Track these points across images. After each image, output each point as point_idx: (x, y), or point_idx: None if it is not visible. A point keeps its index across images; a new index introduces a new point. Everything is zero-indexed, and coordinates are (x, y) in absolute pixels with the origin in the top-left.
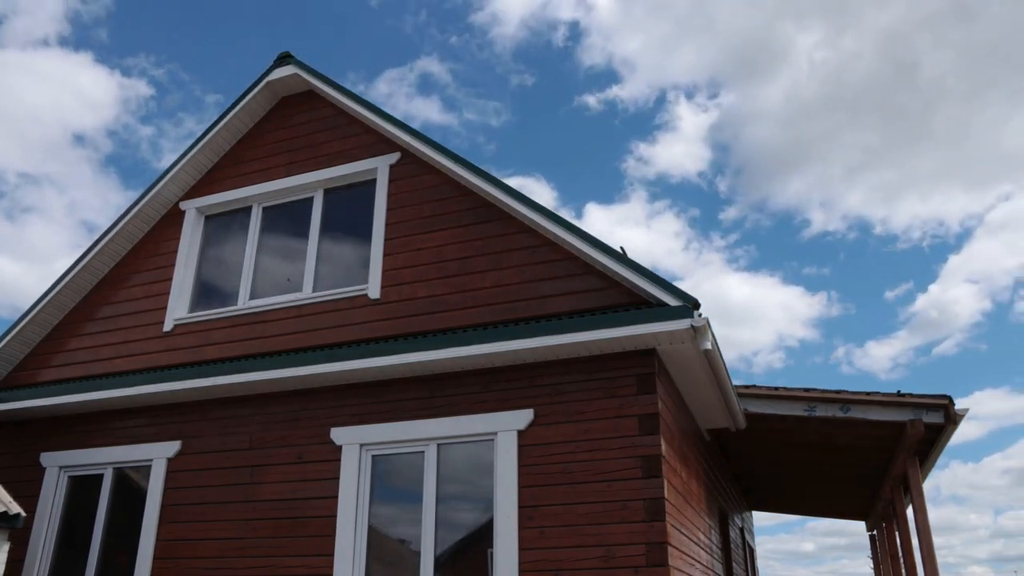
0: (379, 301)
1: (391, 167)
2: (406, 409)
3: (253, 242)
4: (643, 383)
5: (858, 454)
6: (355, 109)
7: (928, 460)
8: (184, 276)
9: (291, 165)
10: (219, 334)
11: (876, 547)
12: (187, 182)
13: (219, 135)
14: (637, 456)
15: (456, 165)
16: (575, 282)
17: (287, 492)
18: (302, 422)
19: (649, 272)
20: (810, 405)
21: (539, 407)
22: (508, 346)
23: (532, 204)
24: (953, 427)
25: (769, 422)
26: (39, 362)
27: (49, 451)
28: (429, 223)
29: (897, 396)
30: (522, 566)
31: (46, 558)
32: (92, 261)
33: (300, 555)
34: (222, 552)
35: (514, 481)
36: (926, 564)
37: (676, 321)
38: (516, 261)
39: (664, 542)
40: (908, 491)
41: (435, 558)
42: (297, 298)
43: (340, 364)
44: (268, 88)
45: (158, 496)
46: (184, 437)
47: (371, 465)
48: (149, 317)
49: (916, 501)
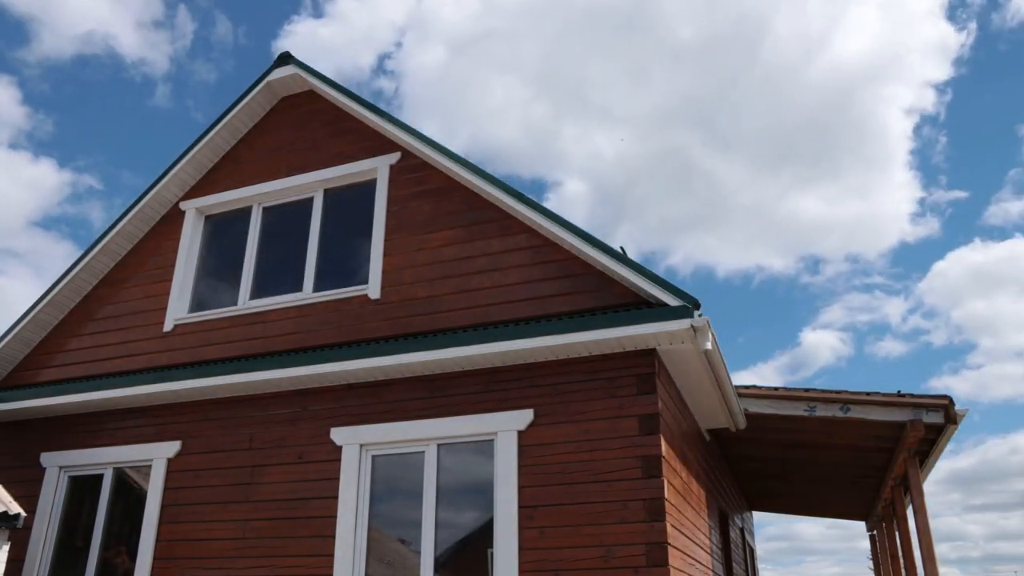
0: (379, 301)
1: (391, 167)
2: (406, 409)
3: (253, 242)
4: (643, 383)
5: (858, 454)
6: (355, 109)
7: (928, 460)
8: (184, 276)
9: (291, 165)
10: (219, 334)
11: (876, 547)
12: (187, 182)
13: (219, 135)
14: (637, 456)
15: (456, 165)
16: (575, 282)
17: (287, 492)
18: (302, 422)
19: (649, 272)
20: (810, 405)
21: (539, 407)
22: (508, 346)
23: (532, 204)
24: (953, 427)
25: (769, 422)
26: (39, 362)
27: (49, 451)
28: (429, 223)
29: (897, 396)
30: (522, 566)
31: (46, 558)
32: (92, 261)
33: (300, 555)
34: (222, 552)
35: (514, 481)
36: (926, 564)
37: (676, 321)
38: (516, 261)
39: (664, 542)
40: (908, 491)
41: (435, 558)
42: (297, 298)
43: (340, 364)
44: (268, 88)
45: (158, 496)
46: (184, 437)
47: (371, 465)
48: (149, 317)
49: (916, 501)
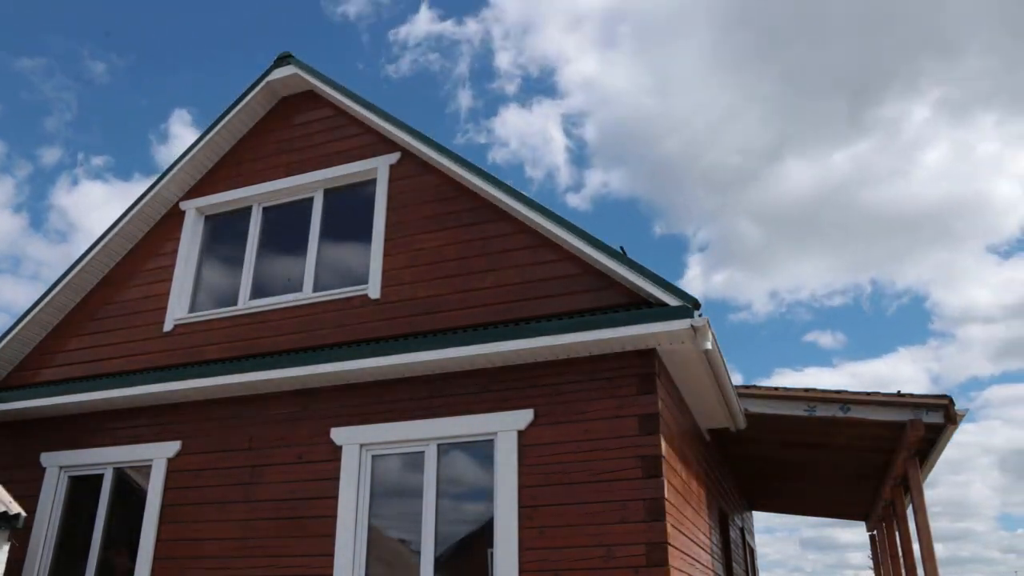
0: (379, 301)
1: (391, 167)
2: (406, 409)
3: (253, 242)
4: (643, 383)
5: (858, 454)
6: (355, 109)
7: (928, 460)
8: (184, 276)
9: (291, 165)
10: (219, 334)
11: (876, 547)
12: (187, 182)
13: (219, 135)
14: (637, 456)
15: (456, 165)
16: (575, 282)
17: (287, 492)
18: (302, 422)
19: (649, 272)
20: (810, 405)
21: (539, 407)
22: (508, 346)
23: (532, 204)
24: (953, 427)
25: (769, 422)
26: (39, 362)
27: (49, 451)
28: (429, 223)
29: (897, 396)
30: (522, 566)
31: (46, 558)
32: (92, 261)
33: (300, 555)
34: (222, 552)
35: (514, 481)
36: (926, 564)
37: (676, 321)
38: (516, 261)
39: (664, 542)
40: (908, 491)
41: (435, 558)
42: (297, 298)
43: (340, 364)
44: (268, 88)
45: (158, 496)
46: (184, 437)
47: (371, 465)
48: (149, 317)
49: (916, 501)
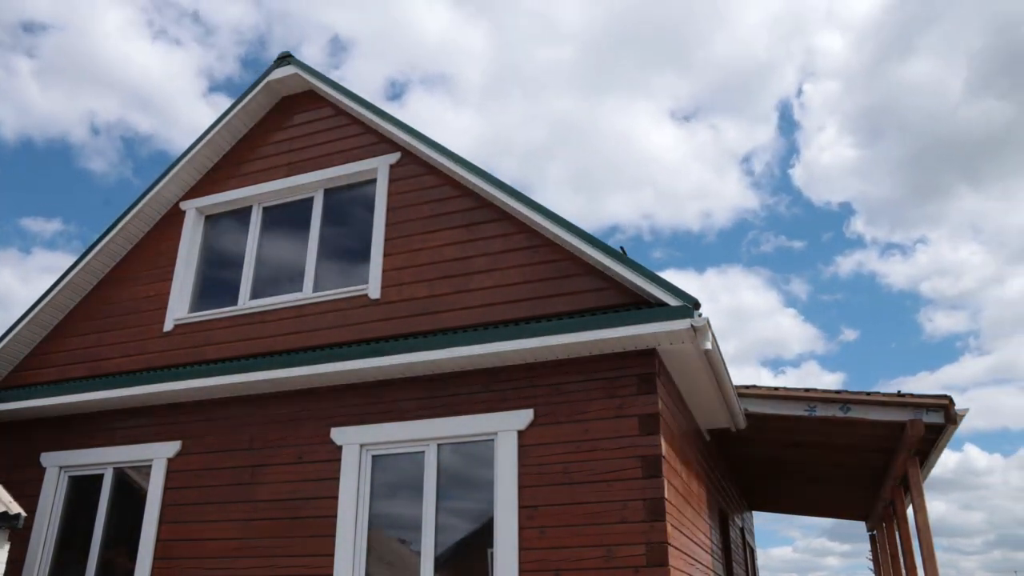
0: (379, 301)
1: (391, 167)
2: (406, 409)
3: (253, 242)
4: (643, 383)
5: (858, 454)
6: (355, 109)
7: (928, 460)
8: (184, 276)
9: (291, 165)
10: (219, 334)
11: (876, 547)
12: (187, 182)
13: (219, 135)
14: (637, 456)
15: (456, 165)
16: (575, 282)
17: (287, 492)
18: (302, 422)
19: (649, 272)
20: (810, 405)
21: (539, 407)
22: (508, 346)
23: (532, 204)
24: (953, 427)
25: (769, 422)
26: (39, 362)
27: (49, 451)
28: (429, 223)
29: (897, 396)
30: (522, 566)
31: (46, 558)
32: (92, 261)
33: (300, 555)
34: (222, 552)
35: (514, 481)
36: (926, 564)
37: (676, 321)
38: (516, 261)
39: (664, 542)
40: (908, 491)
41: (435, 558)
42: (297, 298)
43: (340, 364)
44: (268, 88)
45: (158, 496)
46: (184, 437)
47: (371, 465)
48: (149, 317)
49: (916, 501)
